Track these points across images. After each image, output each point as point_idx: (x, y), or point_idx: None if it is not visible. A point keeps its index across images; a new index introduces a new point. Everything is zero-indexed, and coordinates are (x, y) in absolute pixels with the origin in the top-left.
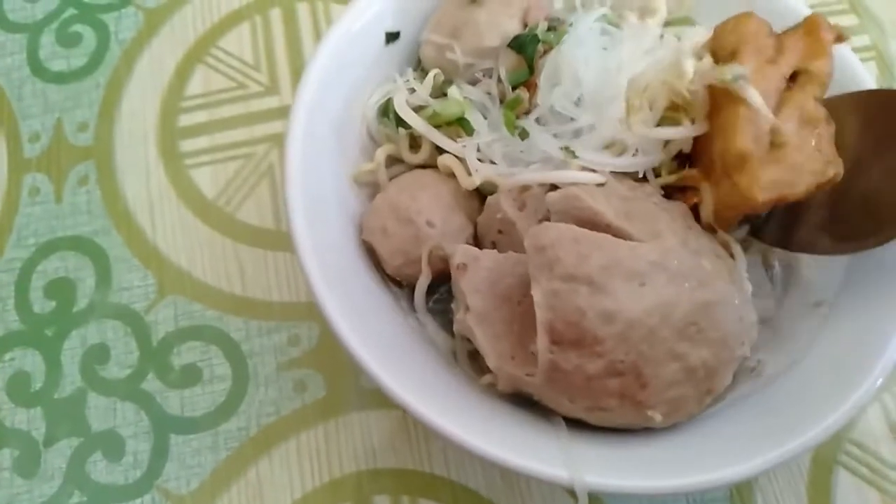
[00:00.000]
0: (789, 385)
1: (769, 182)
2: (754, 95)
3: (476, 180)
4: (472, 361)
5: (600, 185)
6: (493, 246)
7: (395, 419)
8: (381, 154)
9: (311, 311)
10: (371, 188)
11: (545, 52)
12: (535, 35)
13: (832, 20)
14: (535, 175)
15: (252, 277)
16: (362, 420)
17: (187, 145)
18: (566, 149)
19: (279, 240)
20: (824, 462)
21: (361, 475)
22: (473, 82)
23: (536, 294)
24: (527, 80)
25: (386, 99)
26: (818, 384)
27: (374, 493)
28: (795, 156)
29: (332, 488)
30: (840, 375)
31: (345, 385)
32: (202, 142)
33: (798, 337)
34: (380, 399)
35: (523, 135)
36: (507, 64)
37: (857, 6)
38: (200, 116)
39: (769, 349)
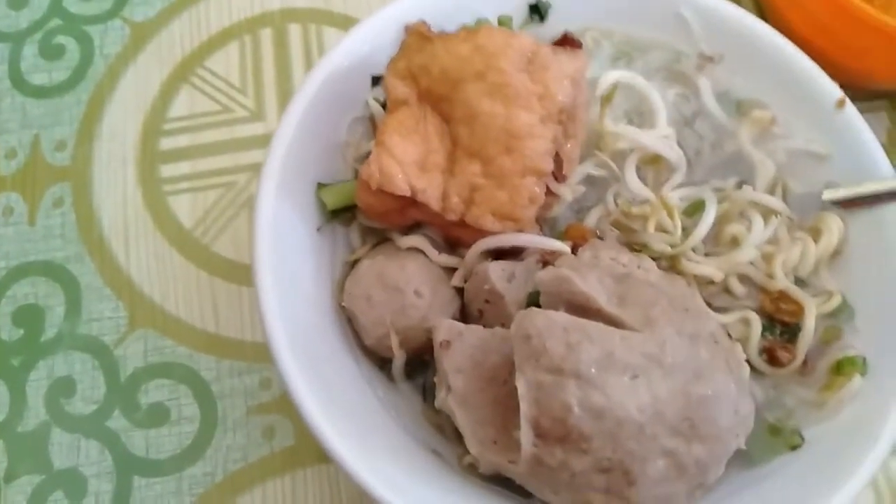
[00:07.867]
0: (788, 473)
1: None
2: None
3: (441, 260)
4: (459, 436)
5: (595, 259)
6: (480, 314)
7: None
8: None
9: None
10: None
11: None
12: None
13: None
14: (498, 239)
15: (226, 314)
16: (331, 472)
17: (167, 170)
18: None
19: None
20: None
21: None
22: None
23: (521, 386)
24: None
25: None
26: (820, 470)
27: None
28: None
29: None
30: (839, 461)
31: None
32: (183, 167)
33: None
34: None
35: None
36: None
37: None
38: (182, 140)
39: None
